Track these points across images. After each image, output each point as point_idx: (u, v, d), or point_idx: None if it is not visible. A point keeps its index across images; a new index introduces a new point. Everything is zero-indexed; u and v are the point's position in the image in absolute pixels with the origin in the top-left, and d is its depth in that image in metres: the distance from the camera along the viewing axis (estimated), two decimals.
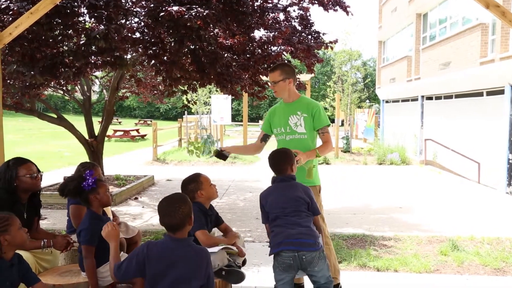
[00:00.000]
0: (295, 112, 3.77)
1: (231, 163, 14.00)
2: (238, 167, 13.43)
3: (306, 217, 2.96)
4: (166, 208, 2.46)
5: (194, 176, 3.30)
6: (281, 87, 3.75)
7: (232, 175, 11.60)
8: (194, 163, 14.05)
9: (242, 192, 9.19)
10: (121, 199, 8.34)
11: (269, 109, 4.05)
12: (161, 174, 11.61)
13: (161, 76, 6.88)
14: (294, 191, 3.02)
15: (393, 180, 10.96)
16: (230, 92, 7.23)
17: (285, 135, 3.78)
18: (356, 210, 7.56)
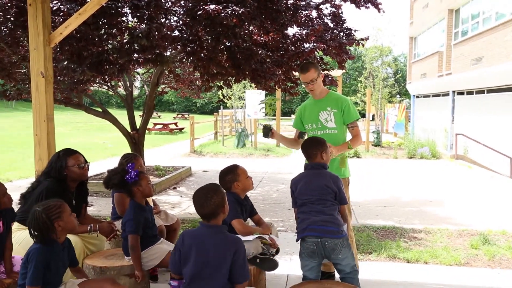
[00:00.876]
0: (325, 108, 3.74)
1: (264, 156, 14.02)
2: (271, 160, 13.43)
3: (332, 205, 2.94)
4: (199, 198, 2.50)
5: (231, 168, 3.31)
6: (319, 84, 3.74)
7: (265, 167, 11.62)
8: (229, 155, 14.14)
9: (275, 184, 9.21)
10: (161, 189, 8.49)
11: (299, 106, 4.04)
12: (198, 166, 11.75)
13: (199, 72, 6.92)
14: (323, 180, 3.01)
15: (423, 173, 10.72)
16: (264, 87, 7.22)
17: (316, 131, 3.76)
18: (386, 203, 7.45)
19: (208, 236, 2.45)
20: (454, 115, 15.74)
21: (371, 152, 14.74)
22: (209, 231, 2.47)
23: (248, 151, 14.67)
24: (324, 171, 3.10)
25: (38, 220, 2.50)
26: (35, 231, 2.50)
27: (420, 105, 20.92)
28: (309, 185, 3.02)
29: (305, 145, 3.22)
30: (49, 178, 3.22)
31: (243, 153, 14.39)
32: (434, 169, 11.49)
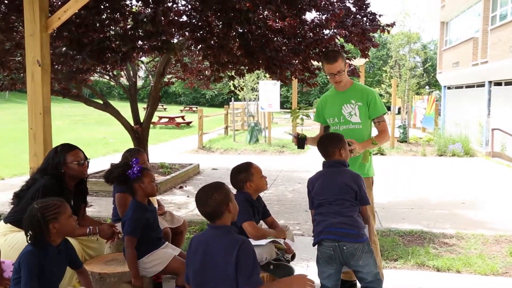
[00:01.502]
0: (349, 101, 3.73)
1: (279, 152, 14.02)
2: (287, 157, 13.41)
3: (351, 206, 2.93)
4: (199, 197, 2.52)
5: (245, 166, 3.30)
6: (346, 75, 3.75)
7: (280, 165, 11.61)
8: (240, 152, 14.15)
9: (290, 183, 9.19)
10: (166, 188, 8.52)
11: (319, 99, 4.04)
12: (207, 163, 11.78)
13: (208, 60, 6.92)
14: (342, 178, 3.00)
15: (455, 172, 10.61)
16: (279, 78, 7.19)
17: (339, 125, 3.76)
18: (413, 205, 7.38)
19: (214, 238, 2.46)
20: (490, 108, 15.51)
21: (397, 149, 14.64)
22: (215, 233, 2.48)
23: (262, 147, 14.67)
24: (344, 169, 3.10)
25: (32, 218, 2.50)
26: (29, 229, 2.50)
27: (452, 97, 20.68)
28: (327, 183, 3.02)
29: (321, 142, 3.22)
30: (46, 176, 3.23)
31: (256, 150, 14.40)
32: (467, 168, 11.36)
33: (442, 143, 14.15)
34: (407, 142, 16.24)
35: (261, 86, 15.64)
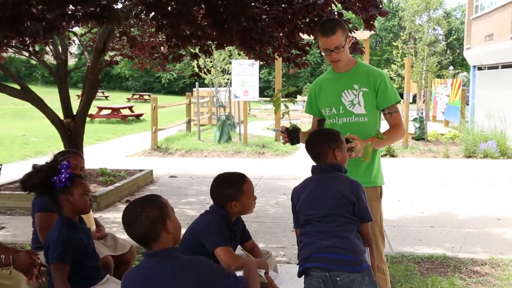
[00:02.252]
0: (351, 86, 3.78)
1: (258, 154, 14.05)
2: (268, 160, 13.44)
3: (348, 224, 2.95)
4: (126, 216, 2.51)
5: (236, 180, 3.27)
6: (346, 52, 3.79)
7: (260, 171, 11.64)
8: (208, 154, 14.15)
9: (273, 194, 9.24)
10: (108, 202, 8.47)
11: (312, 83, 4.10)
12: (163, 168, 11.75)
13: (164, 33, 6.89)
14: (335, 186, 3.03)
15: (487, 179, 10.78)
16: (259, 56, 7.19)
17: (337, 118, 3.80)
18: (433, 222, 7.47)
19: (155, 269, 2.43)
20: None
21: (412, 148, 14.82)
22: (154, 262, 2.45)
23: (235, 148, 14.68)
24: (338, 175, 3.11)
25: None
26: None
27: (484, 80, 21.02)
28: (316, 194, 3.04)
29: (310, 140, 3.26)
30: None
31: (227, 151, 14.41)
32: (504, 173, 11.55)
33: (470, 140, 14.34)
34: (425, 139, 16.45)
35: (234, 67, 15.64)
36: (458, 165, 12.74)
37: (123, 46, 11.48)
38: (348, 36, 3.77)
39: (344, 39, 3.70)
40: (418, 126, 16.86)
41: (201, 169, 11.78)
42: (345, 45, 3.71)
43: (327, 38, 3.67)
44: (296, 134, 3.77)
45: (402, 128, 3.84)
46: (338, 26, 3.69)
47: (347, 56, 3.79)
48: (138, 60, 11.96)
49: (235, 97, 15.85)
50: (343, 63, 3.78)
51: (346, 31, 3.75)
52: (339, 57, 3.72)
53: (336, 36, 3.65)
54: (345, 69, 3.82)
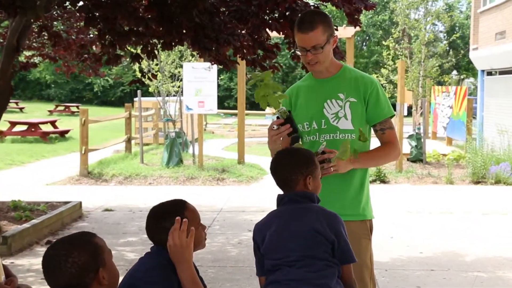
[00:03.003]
0: (335, 95, 3.81)
1: (216, 181, 14.00)
2: (230, 188, 13.43)
3: (327, 268, 2.95)
4: (47, 261, 2.48)
5: (175, 208, 3.24)
6: (326, 53, 3.79)
7: (219, 201, 11.64)
8: (152, 180, 14.05)
9: (235, 231, 9.21)
10: (23, 244, 8.30)
11: (286, 91, 4.05)
12: (95, 200, 11.64)
13: (97, 29, 6.84)
14: (308, 221, 3.03)
15: (500, 211, 10.89)
16: (216, 58, 7.21)
17: (318, 135, 3.81)
18: (434, 264, 7.52)
19: None
20: None
21: (407, 172, 14.94)
22: None
23: (188, 173, 14.61)
24: (311, 206, 3.12)
25: None
26: None
27: (495, 88, 21.29)
28: (284, 232, 3.04)
29: (276, 163, 3.28)
30: None
31: (178, 176, 14.33)
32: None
33: (479, 162, 14.41)
34: (423, 161, 16.52)
35: (186, 71, 15.62)
36: (464, 193, 12.87)
37: (43, 44, 11.37)
38: (333, 36, 3.79)
39: (326, 38, 3.72)
40: (414, 145, 16.92)
41: (145, 200, 11.66)
42: (325, 45, 3.71)
43: (303, 34, 3.69)
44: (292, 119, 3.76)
45: (397, 147, 3.88)
46: (320, 21, 3.71)
47: (328, 59, 3.80)
48: (63, 62, 11.84)
49: (187, 109, 15.80)
50: (321, 67, 3.80)
51: (331, 29, 3.77)
52: (316, 59, 3.73)
53: (315, 33, 3.68)
54: (328, 74, 3.85)
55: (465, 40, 45.07)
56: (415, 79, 20.32)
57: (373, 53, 53.80)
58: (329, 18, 3.82)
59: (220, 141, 23.83)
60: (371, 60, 53.17)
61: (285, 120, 3.69)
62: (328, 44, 3.74)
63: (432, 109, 23.61)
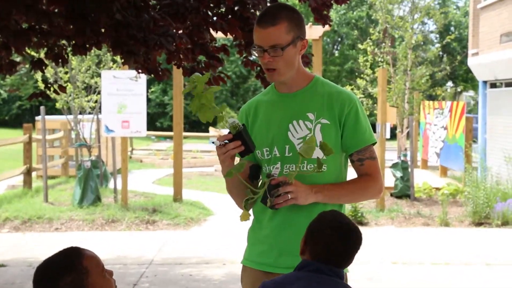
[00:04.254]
0: (303, 115, 3.83)
1: (145, 225, 13.91)
2: (163, 233, 13.38)
3: None
4: None
5: (68, 260, 3.20)
6: (290, 58, 3.78)
7: (148, 251, 11.58)
8: (61, 224, 13.90)
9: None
10: None
11: (242, 107, 4.12)
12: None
13: None
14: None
15: (508, 260, 10.96)
16: (144, 66, 7.19)
17: (280, 164, 3.84)
18: None
19: None
20: None
21: (391, 211, 15.02)
22: None
23: (108, 214, 14.49)
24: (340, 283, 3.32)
25: None
26: None
27: (500, 103, 21.53)
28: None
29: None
30: None
31: (95, 219, 14.20)
32: None
33: (481, 198, 14.49)
34: (411, 197, 16.66)
35: (105, 82, 15.55)
36: (463, 237, 12.96)
37: None
38: (301, 39, 3.81)
39: (291, 39, 3.74)
40: (399, 176, 17.02)
41: (50, 251, 11.47)
42: (287, 47, 3.72)
43: (262, 29, 3.72)
44: (247, 133, 3.73)
45: (378, 182, 3.89)
46: (286, 16, 3.73)
47: (290, 67, 3.80)
48: None
49: (107, 130, 15.68)
50: (281, 77, 3.81)
51: (299, 31, 3.79)
52: (275, 63, 3.74)
53: (276, 29, 3.70)
54: (295, 88, 3.87)
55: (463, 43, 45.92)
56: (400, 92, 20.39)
57: (347, 59, 54.29)
58: (300, 17, 3.83)
59: (151, 172, 23.76)
60: (345, 67, 53.65)
61: (234, 135, 3.67)
62: (293, 48, 3.76)
63: (421, 131, 23.82)
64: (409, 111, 20.62)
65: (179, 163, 16.35)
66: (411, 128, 18.81)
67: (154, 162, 27.42)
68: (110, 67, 17.80)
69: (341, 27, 55.45)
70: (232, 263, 10.03)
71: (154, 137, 38.76)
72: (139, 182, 19.52)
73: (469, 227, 13.96)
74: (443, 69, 23.38)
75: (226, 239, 12.19)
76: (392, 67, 20.96)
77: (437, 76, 22.87)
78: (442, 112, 22.04)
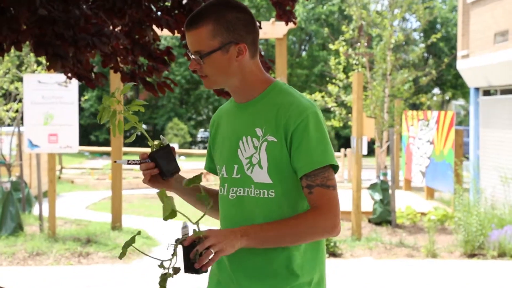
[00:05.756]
0: (252, 130, 3.82)
1: (79, 256, 13.83)
2: (99, 268, 13.31)
3: None
4: None
5: None
6: (219, 66, 3.75)
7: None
8: None
9: None
10: None
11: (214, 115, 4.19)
12: None
13: None
14: None
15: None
16: (74, 70, 7.14)
17: (227, 187, 3.88)
18: None
19: None
20: None
21: (369, 240, 15.09)
22: None
23: (32, 246, 14.45)
24: None
25: None
26: None
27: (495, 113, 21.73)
28: None
29: None
30: None
31: (15, 252, 14.17)
32: None
33: (474, 225, 14.63)
34: (392, 224, 16.74)
35: (28, 88, 15.46)
36: (454, 271, 13.05)
37: None
38: (236, 44, 3.79)
39: (218, 44, 3.74)
40: (379, 199, 17.12)
41: None
42: (211, 54, 3.74)
43: (187, 31, 3.79)
44: (168, 155, 3.75)
45: (330, 216, 3.71)
46: (213, 16, 3.74)
47: (224, 74, 3.81)
48: None
49: (31, 146, 15.58)
50: (214, 84, 3.86)
51: (231, 32, 3.77)
52: (203, 70, 3.78)
53: (197, 32, 3.74)
54: (249, 97, 3.88)
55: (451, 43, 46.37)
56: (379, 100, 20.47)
57: (317, 61, 54.62)
58: (237, 16, 3.81)
59: (84, 195, 23.73)
60: (314, 71, 53.97)
61: (149, 155, 3.76)
62: (222, 55, 3.77)
63: (404, 146, 24.01)
64: (389, 122, 20.67)
65: (118, 184, 16.29)
66: (391, 143, 18.93)
67: (88, 183, 27.38)
68: (34, 70, 17.68)
69: (309, 24, 55.72)
70: None
71: (88, 153, 38.72)
72: (70, 207, 19.46)
73: (460, 259, 14.04)
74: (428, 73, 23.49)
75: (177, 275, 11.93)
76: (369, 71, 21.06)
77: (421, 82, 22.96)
78: (428, 124, 22.24)
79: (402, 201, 19.21)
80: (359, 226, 15.44)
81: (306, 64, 55.95)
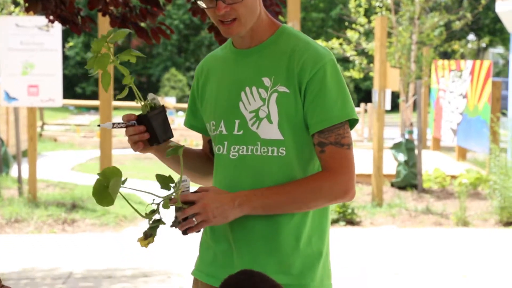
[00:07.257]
0: (258, 79, 3.78)
1: (63, 223, 13.89)
2: (85, 236, 13.39)
3: None
4: None
5: None
6: (251, 6, 3.67)
7: (65, 259, 11.64)
8: None
9: None
10: None
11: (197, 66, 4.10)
12: None
13: None
14: None
15: None
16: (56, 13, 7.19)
17: (226, 146, 3.82)
18: None
19: None
20: None
21: (391, 207, 15.11)
22: None
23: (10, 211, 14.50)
24: None
25: None
26: None
27: None
28: None
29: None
30: None
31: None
32: None
33: (511, 190, 14.53)
34: (418, 188, 16.78)
35: (4, 33, 15.47)
36: (488, 241, 13.04)
37: None
38: None
39: None
40: (403, 161, 17.08)
41: None
42: None
43: None
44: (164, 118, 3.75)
45: (340, 179, 3.70)
46: None
47: (253, 15, 3.71)
48: None
49: (8, 98, 15.62)
50: (244, 28, 3.71)
51: None
52: (234, 12, 3.63)
53: None
54: (254, 42, 3.80)
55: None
56: (405, 48, 20.40)
57: (334, 3, 54.23)
58: None
59: (69, 155, 23.73)
60: (331, 14, 53.62)
61: (138, 117, 3.74)
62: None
63: (433, 100, 23.90)
64: (416, 73, 20.61)
65: (108, 142, 16.15)
66: (418, 96, 18.82)
67: (74, 141, 27.34)
68: (11, 11, 17.67)
69: None
70: (179, 275, 10.07)
71: (73, 108, 38.65)
72: (52, 168, 19.49)
73: (495, 227, 14.04)
74: (462, 17, 23.41)
75: (171, 244, 11.99)
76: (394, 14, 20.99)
77: (454, 27, 22.93)
78: (461, 75, 22.13)
79: (430, 163, 19.12)
80: (381, 190, 15.43)
81: (322, 6, 55.56)
